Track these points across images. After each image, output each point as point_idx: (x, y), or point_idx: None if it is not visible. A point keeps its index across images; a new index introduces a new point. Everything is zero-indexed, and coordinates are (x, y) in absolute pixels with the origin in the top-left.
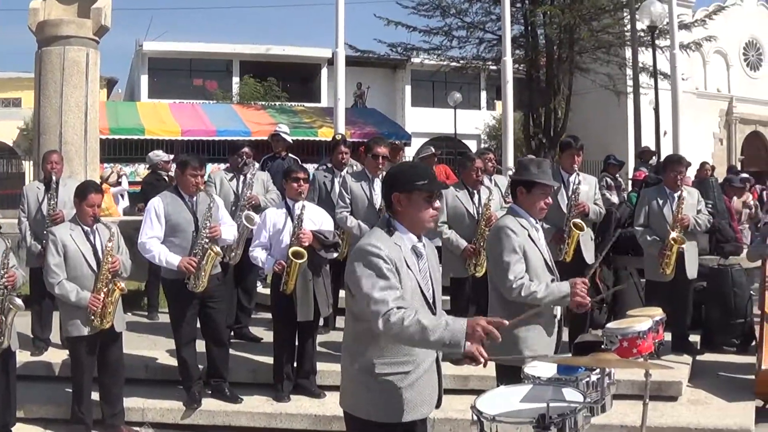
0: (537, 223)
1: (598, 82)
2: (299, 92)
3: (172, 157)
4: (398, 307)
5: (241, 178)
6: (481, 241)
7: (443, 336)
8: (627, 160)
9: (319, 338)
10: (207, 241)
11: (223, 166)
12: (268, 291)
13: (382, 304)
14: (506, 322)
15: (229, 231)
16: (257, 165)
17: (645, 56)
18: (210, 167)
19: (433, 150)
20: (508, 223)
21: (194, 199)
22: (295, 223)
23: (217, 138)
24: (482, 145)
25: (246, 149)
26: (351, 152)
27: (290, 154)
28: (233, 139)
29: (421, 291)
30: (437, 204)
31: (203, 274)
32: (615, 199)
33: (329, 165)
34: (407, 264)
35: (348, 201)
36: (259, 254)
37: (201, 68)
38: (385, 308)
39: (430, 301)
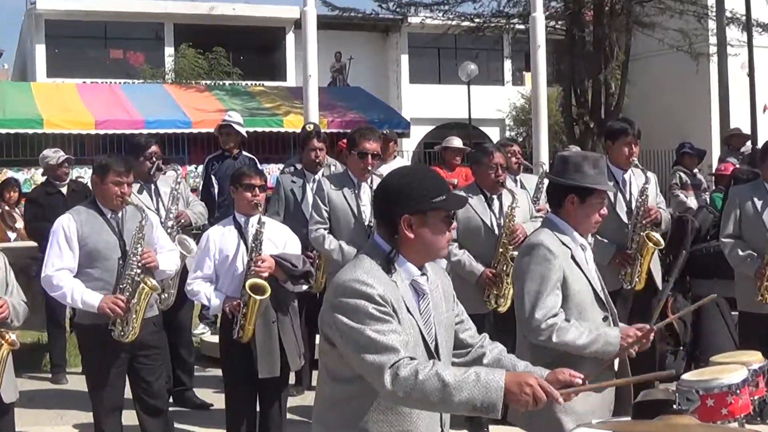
0: (585, 240)
1: (667, 42)
2: (257, 67)
3: (63, 158)
4: (410, 357)
5: (152, 188)
6: (504, 263)
7: (473, 396)
8: (709, 148)
9: (290, 401)
10: (138, 271)
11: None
12: (215, 339)
13: (389, 351)
14: (576, 379)
15: (169, 259)
16: (180, 171)
17: (734, 1)
18: None
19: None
20: (545, 240)
21: (119, 215)
22: (250, 246)
23: (145, 131)
24: (507, 134)
25: (154, 147)
26: (328, 148)
27: (244, 152)
28: (168, 132)
29: (424, 342)
30: (454, 224)
31: (134, 317)
32: (692, 202)
33: (298, 166)
34: (407, 307)
35: (325, 215)
36: (202, 288)
37: (120, 35)
38: (393, 357)
39: (435, 352)
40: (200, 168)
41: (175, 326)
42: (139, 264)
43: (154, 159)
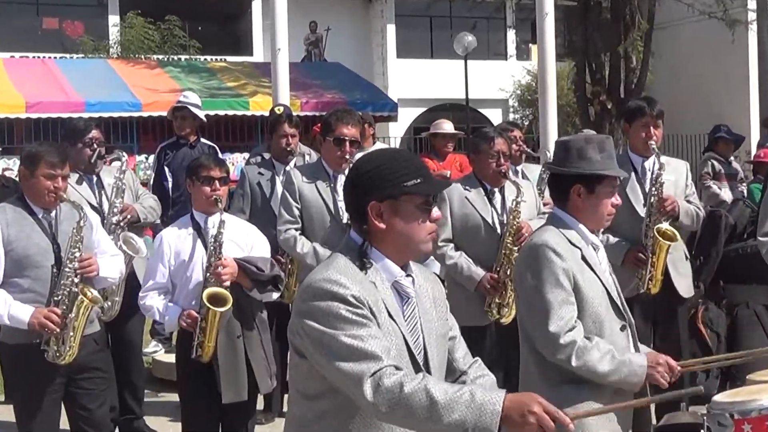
0: (597, 237)
1: (697, 8)
2: (218, 39)
3: None
4: (395, 367)
5: (93, 179)
6: (507, 267)
7: (464, 418)
8: (747, 132)
9: (258, 430)
10: (76, 281)
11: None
12: (171, 358)
13: (370, 359)
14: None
15: (112, 265)
16: (125, 158)
17: None
18: None
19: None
20: (549, 240)
21: (53, 214)
22: (210, 249)
23: (86, 114)
24: (510, 117)
25: (95, 132)
26: (301, 134)
27: (203, 139)
28: (113, 116)
29: (410, 352)
30: (437, 213)
31: (72, 334)
32: (727, 194)
33: (266, 155)
34: (388, 312)
35: (296, 212)
36: (154, 302)
37: (56, 0)
38: (374, 366)
39: (423, 366)
40: (152, 158)
41: (122, 343)
42: (77, 272)
43: (95, 146)
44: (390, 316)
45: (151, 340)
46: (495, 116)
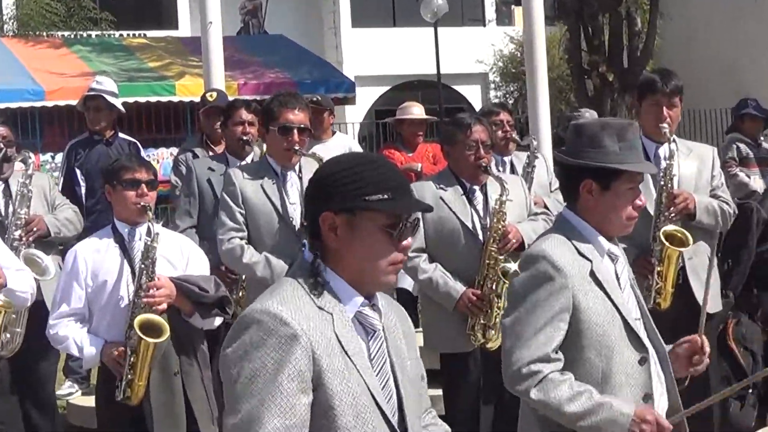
0: (616, 246)
1: None
2: (136, 11)
3: None
4: None
5: (0, 186)
6: (493, 280)
7: None
8: None
9: None
10: None
11: None
12: (89, 401)
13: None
14: None
15: (21, 279)
16: (32, 159)
17: None
18: None
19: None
20: (549, 251)
21: None
22: (138, 267)
23: None
24: (492, 95)
25: (1, 129)
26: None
27: (121, 134)
28: (10, 107)
29: (375, 401)
30: (408, 241)
31: None
32: (757, 183)
33: (197, 150)
34: (345, 351)
35: (240, 218)
36: (69, 331)
37: None
38: None
39: (391, 414)
40: (59, 157)
41: (30, 384)
42: None
43: (0, 145)
44: (346, 354)
45: (64, 379)
46: (473, 94)
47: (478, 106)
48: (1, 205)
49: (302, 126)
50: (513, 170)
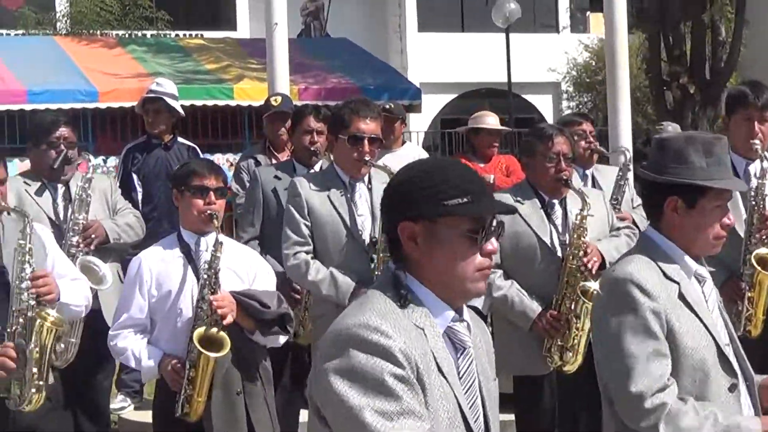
0: (703, 267)
1: None
2: (193, 11)
3: None
4: None
5: (60, 188)
6: (571, 300)
7: None
8: None
9: None
10: (32, 303)
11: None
12: (143, 416)
13: None
14: None
15: (74, 290)
16: (93, 162)
17: None
18: (16, 165)
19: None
20: (635, 273)
21: None
22: (202, 278)
23: (27, 106)
24: (565, 105)
25: (64, 129)
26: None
27: (180, 138)
28: (63, 108)
29: (464, 420)
30: (492, 245)
31: (35, 371)
32: None
33: (259, 157)
34: (439, 368)
35: (306, 230)
36: (128, 342)
37: None
38: None
39: None
40: (111, 161)
41: (84, 397)
42: (31, 292)
43: (61, 146)
44: (441, 373)
45: (116, 393)
46: (544, 104)
47: (549, 116)
48: (60, 209)
49: (373, 136)
50: (596, 184)
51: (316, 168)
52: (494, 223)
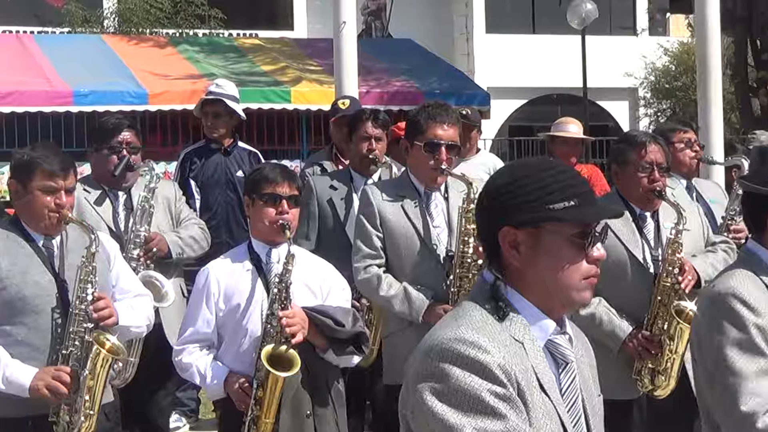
0: None
1: None
2: (248, 9)
3: None
4: None
5: (121, 196)
6: (664, 320)
7: None
8: None
9: None
10: (89, 326)
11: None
12: None
13: None
14: None
15: (136, 310)
16: (156, 168)
17: None
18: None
19: None
20: (739, 287)
21: (56, 242)
22: (273, 291)
23: (73, 108)
24: (640, 112)
25: (127, 134)
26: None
27: (241, 143)
28: (110, 110)
29: None
30: (599, 251)
31: (86, 399)
32: None
33: (326, 164)
34: (540, 384)
35: (378, 243)
36: (194, 358)
37: None
38: None
39: None
40: (161, 166)
41: (143, 417)
42: (90, 316)
43: (124, 151)
44: (543, 390)
45: (172, 412)
46: (620, 111)
47: (625, 124)
48: (121, 219)
49: (451, 143)
50: (699, 198)
51: (375, 177)
52: (600, 229)
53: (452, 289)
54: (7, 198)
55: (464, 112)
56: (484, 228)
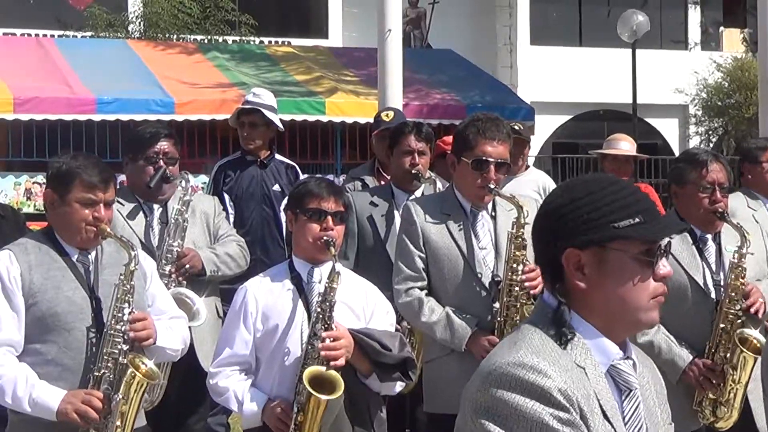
0: None
1: None
2: (280, 15)
3: None
4: None
5: (157, 210)
6: (727, 349)
7: None
8: None
9: None
10: (125, 348)
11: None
12: None
13: None
14: None
15: (173, 331)
16: (191, 180)
17: None
18: None
19: None
20: None
21: (91, 257)
22: (316, 311)
23: (96, 117)
24: (691, 130)
25: (165, 143)
26: (432, 150)
27: (278, 155)
28: (135, 120)
29: None
30: (666, 269)
31: (118, 425)
32: None
33: (370, 180)
34: (603, 411)
35: (420, 264)
36: (230, 383)
37: None
38: None
39: None
40: (195, 180)
41: None
42: (126, 337)
43: (160, 162)
44: (605, 417)
45: None
46: (669, 128)
47: (674, 142)
48: (155, 233)
49: (501, 161)
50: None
51: (417, 193)
52: (665, 246)
53: (498, 318)
54: (25, 209)
55: (516, 127)
56: (543, 250)
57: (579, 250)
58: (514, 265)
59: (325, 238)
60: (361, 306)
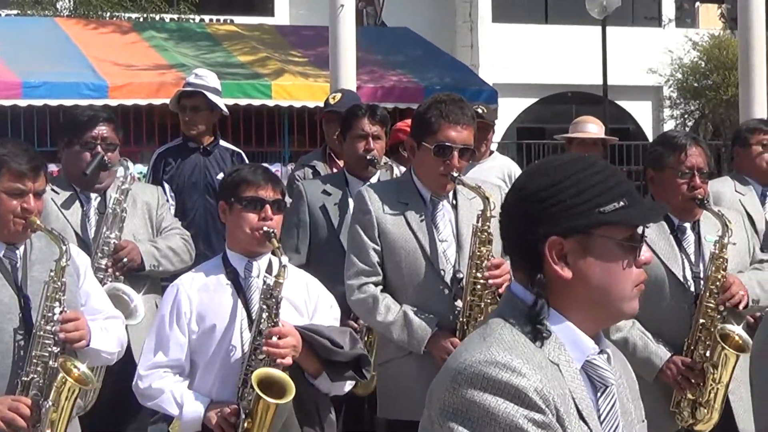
0: None
1: None
2: None
3: None
4: None
5: (94, 199)
6: (706, 346)
7: None
8: None
9: None
10: (56, 351)
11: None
12: None
13: None
14: None
15: (109, 332)
16: (132, 168)
17: None
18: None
19: None
20: None
21: (19, 252)
22: (257, 309)
23: (22, 102)
24: (665, 113)
25: (103, 128)
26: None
27: (223, 142)
28: (65, 104)
29: None
30: (647, 255)
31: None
32: None
33: (320, 166)
34: (579, 411)
35: (375, 257)
36: (168, 384)
37: None
38: None
39: None
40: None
41: None
42: (57, 338)
43: (98, 148)
44: (581, 417)
45: None
46: (642, 112)
47: (647, 126)
48: (92, 225)
49: (465, 146)
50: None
51: (373, 180)
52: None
53: (461, 318)
54: None
55: (480, 110)
56: (518, 239)
57: (563, 238)
58: (478, 262)
59: (265, 228)
60: (303, 300)
